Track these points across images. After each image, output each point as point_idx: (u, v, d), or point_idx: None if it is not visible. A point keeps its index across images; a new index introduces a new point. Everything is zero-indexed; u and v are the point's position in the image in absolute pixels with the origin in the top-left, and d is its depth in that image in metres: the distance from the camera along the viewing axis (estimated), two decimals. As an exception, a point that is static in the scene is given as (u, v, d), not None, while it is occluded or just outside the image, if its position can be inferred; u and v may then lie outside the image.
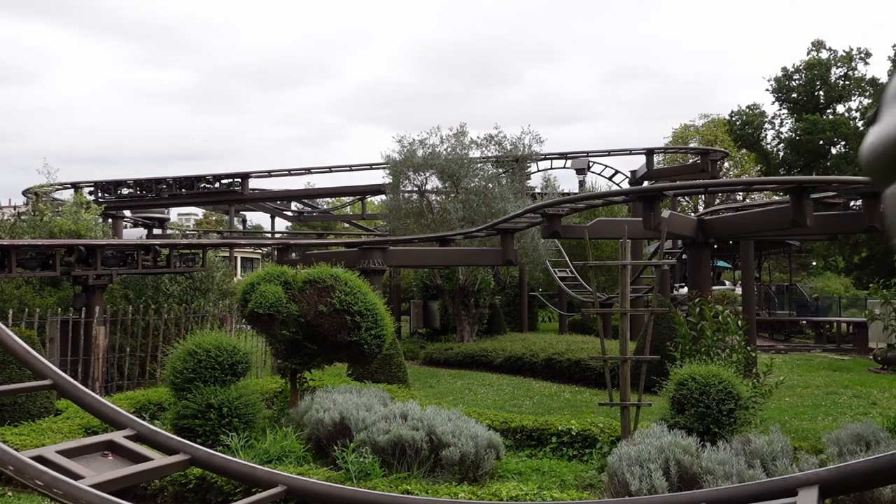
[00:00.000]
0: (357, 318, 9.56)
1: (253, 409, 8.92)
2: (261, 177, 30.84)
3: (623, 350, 8.34)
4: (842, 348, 23.92)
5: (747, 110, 44.52)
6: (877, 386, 15.23)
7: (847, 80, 42.63)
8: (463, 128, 23.23)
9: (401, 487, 6.56)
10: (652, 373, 11.70)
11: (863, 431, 7.11)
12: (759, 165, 44.16)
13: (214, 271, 16.84)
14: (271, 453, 7.89)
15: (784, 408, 12.74)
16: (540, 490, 6.45)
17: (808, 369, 18.29)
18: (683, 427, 7.51)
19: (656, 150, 30.39)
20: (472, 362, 19.55)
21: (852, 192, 13.91)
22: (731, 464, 6.40)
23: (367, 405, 8.71)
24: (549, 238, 16.21)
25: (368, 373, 12.75)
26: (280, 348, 10.06)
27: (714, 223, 15.29)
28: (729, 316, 10.53)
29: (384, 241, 18.80)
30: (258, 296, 9.35)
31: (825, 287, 37.95)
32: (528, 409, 12.82)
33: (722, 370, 8.10)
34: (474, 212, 21.60)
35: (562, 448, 9.06)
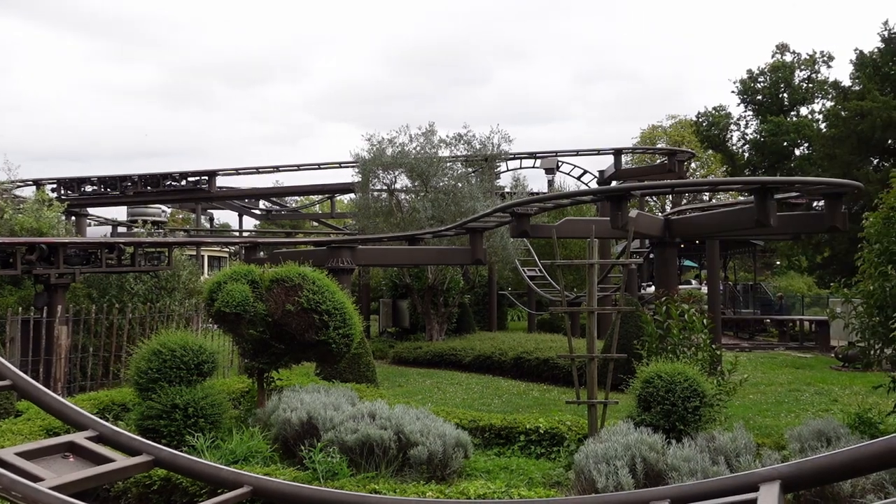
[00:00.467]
0: (325, 317, 9.50)
1: (219, 409, 8.81)
2: (228, 174, 30.52)
3: (590, 348, 8.40)
4: (804, 346, 24.38)
5: (713, 112, 45.15)
6: (838, 383, 15.54)
7: (810, 82, 43.45)
8: (432, 127, 23.26)
9: (368, 487, 6.53)
10: (619, 371, 11.80)
11: (824, 428, 7.24)
12: (725, 166, 44.79)
13: (180, 270, 16.62)
14: (238, 454, 7.80)
15: (748, 405, 12.95)
16: (508, 488, 6.46)
17: (772, 367, 18.60)
18: (650, 424, 7.58)
19: (624, 150, 30.65)
20: (442, 361, 19.57)
21: (815, 192, 14.16)
22: (695, 460, 6.48)
23: (334, 404, 8.67)
24: (517, 237, 16.28)
25: (337, 372, 12.70)
26: (247, 348, 9.96)
27: (680, 223, 15.47)
28: (695, 315, 10.67)
29: (353, 239, 18.72)
30: (225, 295, 9.25)
31: (788, 286, 38.65)
32: (496, 408, 12.86)
33: (687, 368, 8.19)
34: (443, 211, 21.62)
35: (530, 446, 9.10)
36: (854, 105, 26.96)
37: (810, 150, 37.24)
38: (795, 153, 40.15)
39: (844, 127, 27.16)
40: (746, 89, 43.51)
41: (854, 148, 26.60)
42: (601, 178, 29.61)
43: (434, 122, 29.43)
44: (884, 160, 27.04)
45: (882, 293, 7.56)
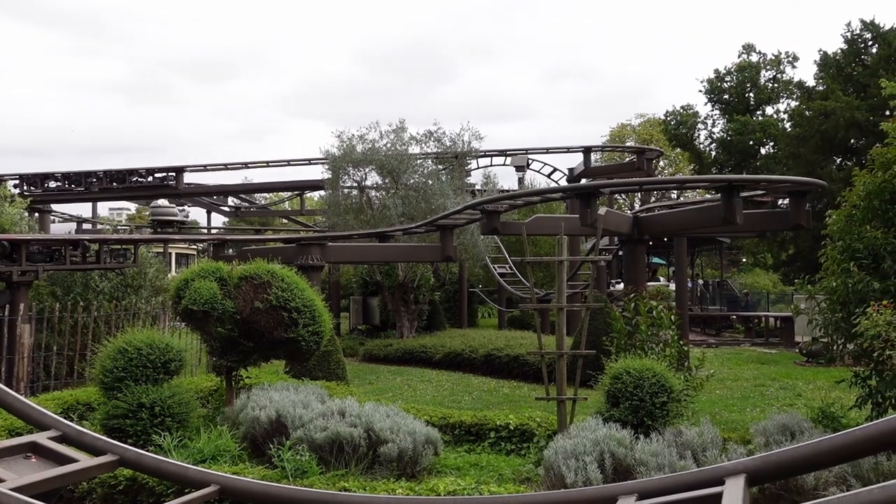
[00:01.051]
0: (294, 314, 9.44)
1: (187, 407, 8.70)
2: (196, 171, 30.18)
3: (559, 345, 8.45)
4: (770, 342, 24.76)
5: (681, 111, 45.69)
6: (802, 378, 15.81)
7: (776, 82, 44.14)
8: (402, 123, 23.21)
9: (338, 485, 6.50)
10: (588, 367, 11.89)
11: (788, 422, 7.36)
12: (693, 164, 45.33)
13: (147, 267, 16.39)
14: (205, 453, 7.71)
15: (715, 400, 13.11)
16: (477, 484, 6.48)
17: (738, 363, 18.87)
18: (618, 420, 7.65)
19: (594, 148, 30.85)
20: (412, 358, 19.56)
21: (780, 191, 14.39)
22: (663, 455, 6.55)
23: (304, 402, 8.61)
24: (488, 234, 16.33)
25: (306, 370, 12.63)
26: (215, 346, 9.86)
27: (649, 220, 15.62)
28: (663, 311, 10.78)
29: (323, 236, 18.62)
30: (192, 292, 9.15)
31: (754, 283, 39.25)
32: (467, 405, 12.88)
33: (655, 364, 8.27)
34: (414, 208, 21.59)
35: (500, 443, 9.13)
36: (818, 105, 27.43)
37: (776, 149, 37.84)
38: (761, 152, 40.77)
39: (809, 126, 27.63)
40: (713, 89, 44.06)
41: (818, 147, 27.07)
42: (571, 175, 29.79)
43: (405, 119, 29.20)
44: (847, 159, 27.55)
45: (844, 289, 7.69)
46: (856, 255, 7.76)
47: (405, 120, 23.47)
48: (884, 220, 7.90)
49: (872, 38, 28.77)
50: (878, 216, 7.96)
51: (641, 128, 54.61)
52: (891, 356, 6.43)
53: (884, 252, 7.57)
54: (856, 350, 7.60)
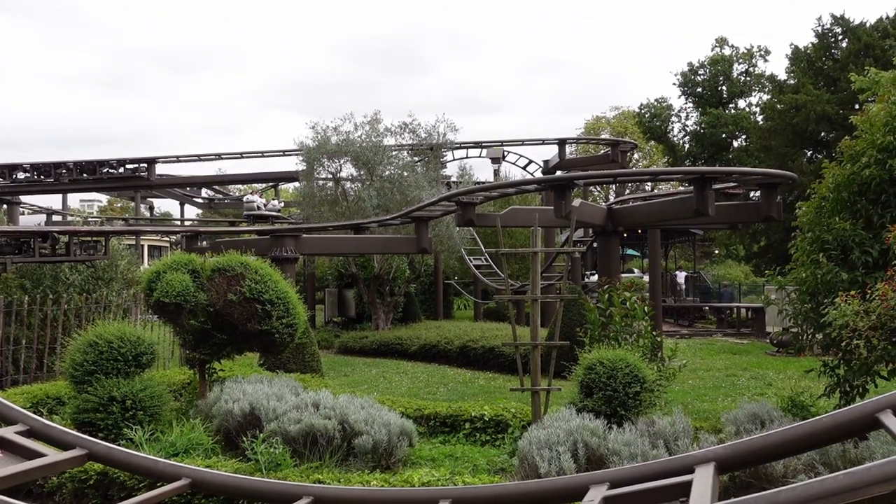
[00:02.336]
0: (268, 306, 9.38)
1: (159, 401, 8.62)
2: (169, 162, 29.79)
3: (534, 336, 8.48)
4: (741, 333, 25.08)
5: (655, 104, 46.00)
6: (773, 368, 16.03)
7: (748, 76, 44.57)
8: (377, 115, 23.09)
9: (312, 477, 6.48)
10: (563, 358, 11.96)
11: (758, 411, 7.46)
12: (667, 157, 45.69)
13: (118, 260, 16.19)
14: (178, 446, 7.65)
15: (687, 390, 13.26)
16: (452, 475, 6.50)
17: (710, 353, 19.09)
18: (592, 410, 7.70)
19: (568, 140, 30.91)
20: (388, 350, 19.54)
21: (751, 183, 14.54)
22: (636, 444, 6.61)
23: (278, 395, 8.58)
24: (463, 226, 16.32)
25: (281, 362, 12.57)
26: (188, 338, 9.78)
27: (623, 212, 15.71)
28: (636, 302, 10.86)
29: (297, 228, 18.50)
30: (164, 284, 9.05)
31: (726, 274, 39.64)
32: (442, 396, 12.90)
33: (629, 355, 8.34)
34: (389, 200, 21.53)
35: (475, 434, 9.16)
36: (789, 98, 27.75)
37: (748, 141, 38.21)
38: (734, 145, 41.19)
39: (780, 119, 27.94)
40: (687, 82, 44.40)
41: (789, 140, 27.39)
42: (546, 167, 29.87)
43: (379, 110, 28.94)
44: (817, 152, 27.91)
45: (814, 280, 7.80)
46: (825, 246, 7.86)
47: (380, 111, 23.36)
48: (852, 211, 8.01)
49: (843, 33, 29.13)
50: (846, 208, 8.08)
51: (616, 120, 54.88)
52: (858, 345, 6.53)
53: (852, 243, 7.68)
54: (824, 340, 7.72)
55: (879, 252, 7.41)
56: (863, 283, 7.24)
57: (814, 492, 2.34)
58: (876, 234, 7.50)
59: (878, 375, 7.38)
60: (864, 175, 7.78)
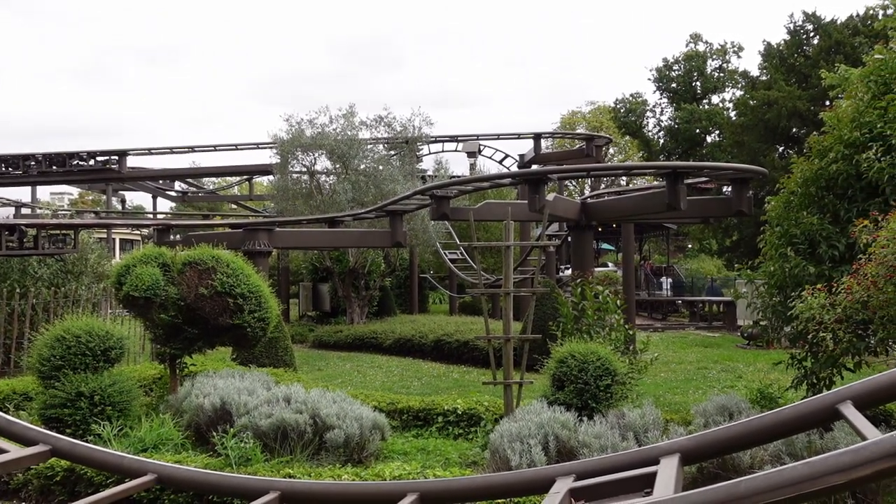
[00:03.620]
0: (240, 300, 9.31)
1: (128, 396, 8.53)
2: (140, 154, 29.42)
3: (506, 330, 8.50)
4: (713, 326, 25.34)
5: (630, 99, 46.27)
6: (743, 360, 16.23)
7: (721, 72, 44.98)
8: (352, 108, 22.97)
9: (283, 471, 6.45)
10: (536, 352, 12.01)
11: (727, 403, 7.55)
12: (642, 152, 46.00)
13: (88, 253, 15.96)
14: (147, 441, 7.58)
15: (659, 383, 13.38)
16: (423, 469, 6.51)
17: (682, 346, 19.28)
18: (563, 403, 7.74)
19: (544, 134, 31.05)
20: (362, 344, 19.51)
21: (723, 178, 14.68)
22: (606, 437, 6.66)
23: (249, 389, 8.52)
24: (438, 220, 16.31)
25: (253, 357, 12.48)
26: (158, 333, 9.68)
27: (596, 206, 15.79)
28: (609, 296, 10.94)
29: (270, 222, 18.37)
30: (134, 278, 8.94)
31: (699, 268, 40.05)
32: (416, 390, 12.90)
33: (600, 348, 8.39)
34: (364, 193, 21.45)
35: (448, 427, 9.17)
36: (762, 94, 28.05)
37: (721, 137, 38.60)
38: (707, 140, 41.58)
39: (753, 115, 28.24)
40: (662, 77, 44.72)
41: (761, 136, 27.70)
42: (521, 161, 29.94)
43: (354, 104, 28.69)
44: (789, 148, 28.26)
45: (782, 274, 7.90)
46: (793, 240, 7.97)
47: (355, 105, 23.24)
48: (820, 206, 8.12)
49: (814, 30, 29.50)
50: (814, 202, 8.19)
51: (592, 115, 55.13)
52: (825, 338, 6.63)
53: (819, 237, 7.79)
54: (792, 332, 7.82)
55: (846, 246, 7.52)
56: (829, 276, 7.35)
57: (773, 481, 2.36)
58: (843, 228, 7.61)
59: (844, 367, 7.50)
60: (831, 170, 7.89)
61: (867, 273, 6.01)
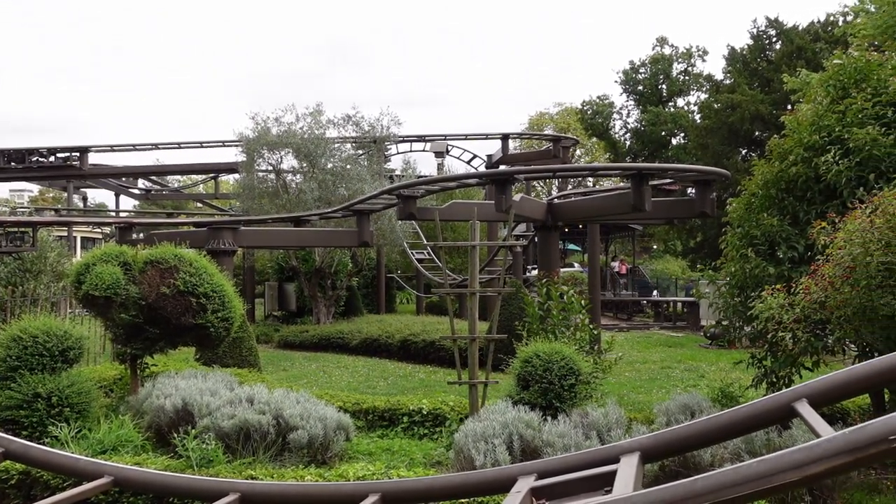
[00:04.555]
0: (203, 300, 9.19)
1: (87, 397, 8.36)
2: (102, 151, 28.87)
3: (472, 329, 8.51)
4: (677, 326, 25.65)
5: (597, 100, 46.63)
6: (706, 360, 16.45)
7: (687, 75, 45.56)
8: (319, 107, 22.82)
9: (245, 473, 6.38)
10: (502, 351, 12.04)
11: (689, 402, 7.64)
12: (608, 153, 46.40)
13: (47, 252, 15.65)
14: (106, 443, 7.43)
15: (623, 382, 13.50)
16: (388, 469, 6.48)
17: (647, 346, 19.48)
18: (528, 403, 7.77)
19: (511, 135, 31.09)
20: (328, 345, 19.40)
21: (687, 179, 14.85)
22: (569, 436, 6.69)
23: (212, 390, 8.42)
24: (404, 220, 16.26)
25: (217, 357, 12.33)
26: (119, 333, 9.51)
27: (562, 207, 15.87)
28: (574, 296, 11.01)
29: (235, 220, 18.16)
30: (93, 277, 8.78)
31: (664, 269, 40.54)
32: (382, 391, 12.86)
33: (564, 347, 8.44)
34: (331, 192, 21.34)
35: (413, 427, 9.16)
36: (725, 98, 28.48)
37: (686, 139, 39.10)
38: (673, 142, 42.07)
39: (717, 118, 28.66)
40: (628, 80, 45.15)
41: (725, 138, 28.12)
42: (489, 162, 29.99)
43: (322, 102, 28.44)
44: (752, 150, 28.72)
45: (742, 274, 8.02)
46: (753, 241, 8.09)
47: (322, 103, 23.09)
48: (780, 208, 8.26)
49: (776, 35, 30.02)
50: (774, 204, 8.33)
51: (560, 117, 55.47)
52: (783, 338, 6.74)
53: (779, 239, 7.92)
54: (752, 332, 7.94)
55: (805, 247, 7.65)
56: (789, 277, 7.48)
57: (729, 479, 2.38)
58: (802, 229, 7.74)
59: (803, 367, 7.64)
60: (791, 173, 8.03)
61: (825, 274, 6.12)
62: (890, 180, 6.65)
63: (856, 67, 8.10)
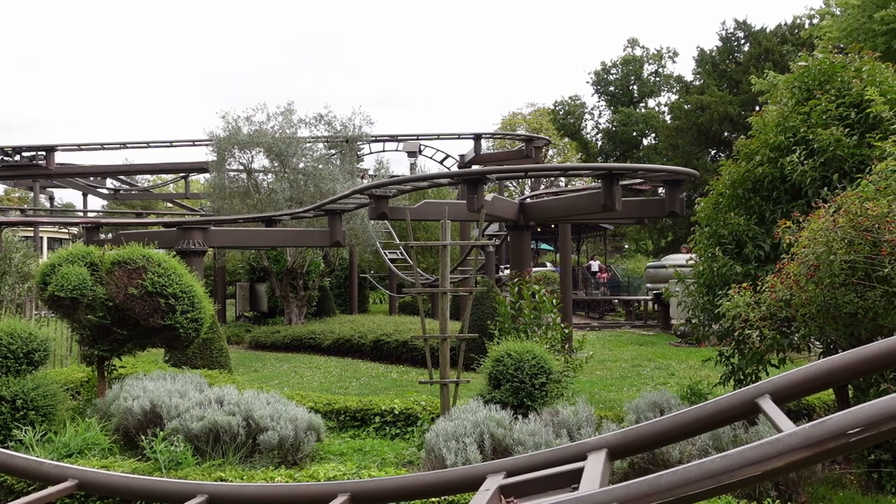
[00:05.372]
0: (172, 300, 9.09)
1: (53, 400, 8.23)
2: (70, 150, 28.45)
3: (443, 329, 8.52)
4: (648, 324, 25.88)
5: (570, 101, 46.95)
6: (676, 358, 16.61)
7: (657, 76, 46.05)
8: (290, 106, 22.68)
9: (214, 475, 6.33)
10: (474, 351, 12.07)
11: (658, 399, 7.72)
12: (580, 153, 46.72)
13: (12, 252, 15.37)
14: (72, 447, 7.32)
15: (595, 380, 13.59)
16: (359, 469, 6.46)
17: (618, 344, 19.63)
18: (499, 401, 7.80)
19: (484, 135, 31.21)
20: (301, 345, 19.29)
21: (656, 179, 15.01)
22: (540, 434, 6.73)
23: (181, 392, 8.33)
24: (376, 219, 16.24)
25: (187, 358, 12.19)
26: (86, 334, 9.37)
27: (534, 206, 15.96)
28: (545, 295, 11.07)
29: (206, 220, 17.99)
30: (59, 278, 8.65)
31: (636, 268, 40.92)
32: (354, 391, 12.81)
33: (535, 346, 8.48)
34: (303, 192, 21.22)
35: (385, 427, 9.15)
36: (695, 99, 28.84)
37: (657, 140, 39.52)
38: (644, 142, 42.49)
39: (686, 119, 29.01)
40: (600, 81, 45.53)
41: (695, 139, 28.47)
42: (462, 162, 30.05)
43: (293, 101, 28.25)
44: (721, 151, 29.13)
45: (710, 273, 8.12)
46: (721, 240, 8.20)
47: (293, 102, 22.98)
48: (746, 207, 8.38)
49: (745, 37, 30.46)
50: (741, 204, 8.45)
51: (532, 117, 55.76)
52: (750, 335, 6.84)
53: (746, 238, 8.03)
54: (720, 330, 8.05)
55: (771, 246, 7.77)
56: (755, 275, 7.58)
57: (693, 474, 2.42)
58: (768, 229, 7.86)
59: (769, 364, 7.76)
60: (757, 173, 8.15)
61: (790, 272, 6.22)
62: (853, 180, 6.77)
63: (820, 69, 8.23)
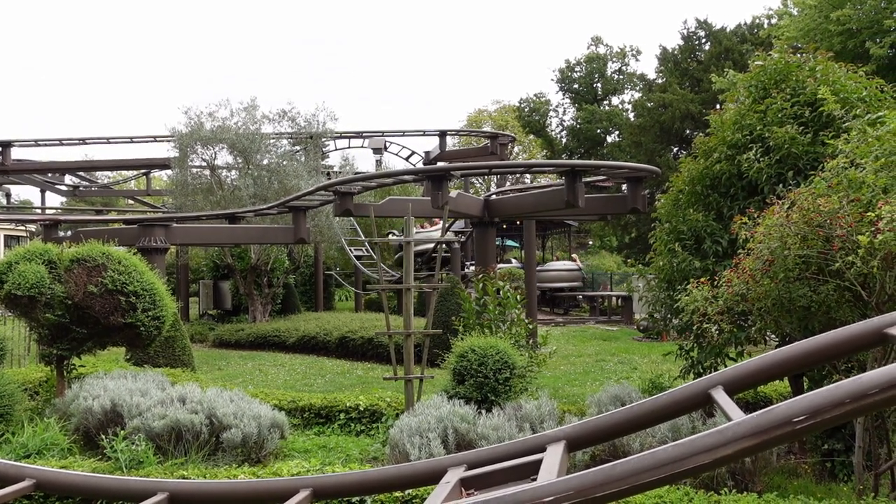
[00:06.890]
0: (132, 298, 8.98)
1: (10, 400, 8.10)
2: (27, 146, 27.85)
3: (407, 325, 8.54)
4: (612, 320, 26.17)
5: (535, 98, 47.22)
6: (638, 352, 16.85)
7: (621, 74, 46.52)
8: (254, 101, 22.48)
9: (177, 473, 6.28)
10: (439, 347, 12.11)
11: (620, 393, 7.84)
12: (545, 150, 47.03)
13: (-33, 250, 15.03)
14: (30, 447, 7.21)
15: (559, 375, 13.73)
16: (323, 466, 6.46)
17: (582, 340, 19.83)
18: (463, 397, 7.86)
19: (449, 132, 31.27)
20: (265, 343, 19.17)
21: (619, 176, 15.19)
22: (503, 428, 6.80)
23: (142, 390, 8.25)
24: (341, 216, 16.17)
25: (149, 357, 12.06)
26: (44, 333, 9.22)
27: (498, 203, 16.05)
28: (509, 291, 11.15)
29: (167, 217, 17.76)
30: (16, 276, 8.49)
31: (600, 265, 41.33)
32: (319, 388, 12.78)
33: (499, 342, 8.56)
34: (267, 189, 21.06)
35: (350, 424, 9.16)
36: (657, 97, 29.21)
37: (620, 137, 39.95)
38: (608, 140, 42.91)
39: (649, 117, 29.37)
40: (564, 78, 45.86)
41: (657, 136, 28.84)
42: (427, 158, 30.07)
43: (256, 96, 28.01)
44: (682, 148, 29.55)
45: (670, 268, 8.27)
46: (680, 236, 8.35)
47: (256, 97, 22.77)
48: (705, 204, 8.54)
49: (706, 37, 30.92)
50: (700, 200, 8.61)
51: (498, 114, 55.91)
52: (708, 329, 6.98)
53: (704, 234, 8.19)
54: (679, 324, 8.19)
55: (728, 242, 7.93)
56: (713, 270, 7.74)
57: (646, 463, 2.48)
58: (726, 225, 8.02)
59: (728, 357, 7.93)
60: (715, 170, 8.31)
61: (745, 267, 6.36)
62: (807, 177, 6.94)
63: (776, 69, 8.42)
